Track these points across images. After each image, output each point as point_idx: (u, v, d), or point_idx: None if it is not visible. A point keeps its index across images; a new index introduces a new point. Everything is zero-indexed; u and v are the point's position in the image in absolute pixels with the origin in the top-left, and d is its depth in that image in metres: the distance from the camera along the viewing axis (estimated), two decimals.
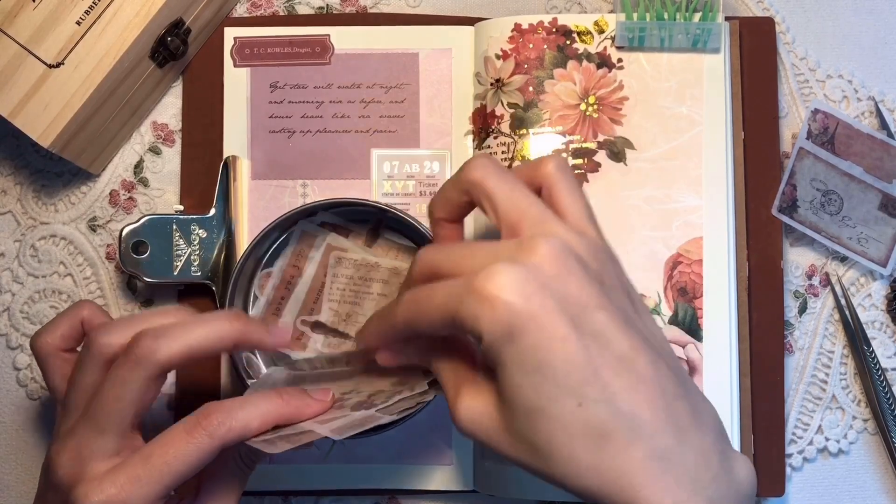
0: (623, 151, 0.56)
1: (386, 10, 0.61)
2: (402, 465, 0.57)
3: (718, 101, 0.57)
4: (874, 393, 0.57)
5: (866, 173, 0.55)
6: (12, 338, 0.60)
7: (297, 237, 0.57)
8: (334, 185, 0.58)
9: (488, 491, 0.56)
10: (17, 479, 0.60)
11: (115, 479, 0.41)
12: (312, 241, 0.57)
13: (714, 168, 0.56)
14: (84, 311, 0.50)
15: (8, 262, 0.60)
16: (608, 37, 0.57)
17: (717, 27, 0.56)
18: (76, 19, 0.54)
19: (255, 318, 0.51)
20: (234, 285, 0.54)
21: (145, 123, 0.60)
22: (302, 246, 0.57)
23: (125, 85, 0.56)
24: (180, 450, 0.42)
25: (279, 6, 0.61)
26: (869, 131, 0.55)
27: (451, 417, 0.42)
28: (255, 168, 0.58)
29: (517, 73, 0.57)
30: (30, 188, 0.60)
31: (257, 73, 0.59)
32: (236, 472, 0.46)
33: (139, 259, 0.57)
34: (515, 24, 0.57)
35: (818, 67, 0.60)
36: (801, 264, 0.58)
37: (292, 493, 0.58)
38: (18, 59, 0.54)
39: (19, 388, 0.60)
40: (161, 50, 0.56)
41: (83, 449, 0.43)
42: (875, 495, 0.58)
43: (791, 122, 0.59)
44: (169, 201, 0.60)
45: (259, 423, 0.43)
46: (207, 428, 0.42)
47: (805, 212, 0.57)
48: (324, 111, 0.59)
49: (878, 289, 0.58)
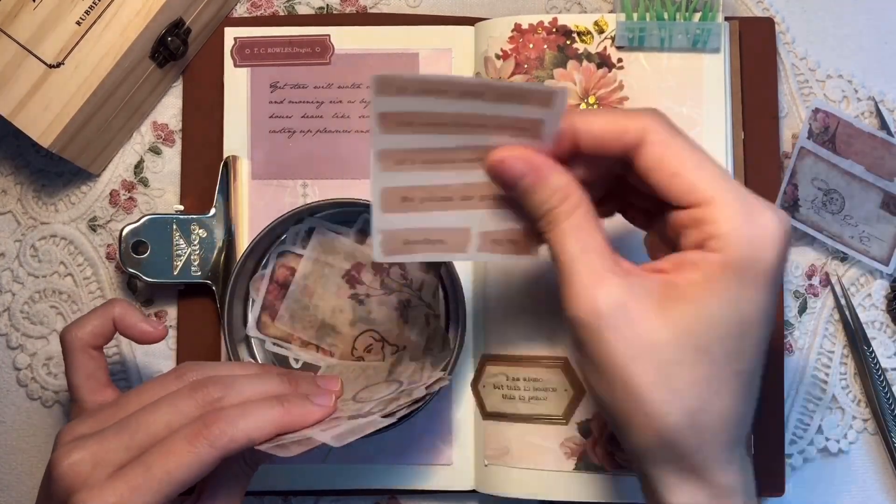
0: None
1: (386, 10, 0.61)
2: (402, 465, 0.57)
3: (718, 102, 0.57)
4: (874, 393, 0.57)
5: (867, 172, 0.55)
6: (12, 338, 0.60)
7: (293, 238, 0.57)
8: (334, 185, 0.58)
9: (488, 491, 0.56)
10: (17, 479, 0.59)
11: (115, 487, 0.41)
12: (307, 241, 0.57)
13: None
14: (116, 309, 0.50)
15: (8, 262, 0.60)
16: (608, 37, 0.57)
17: (717, 27, 0.56)
18: (76, 19, 0.54)
19: (302, 380, 0.50)
20: (234, 285, 0.55)
21: (145, 123, 0.60)
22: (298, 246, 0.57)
23: (125, 85, 0.56)
24: (181, 459, 0.41)
25: (279, 6, 0.61)
26: (870, 130, 0.55)
27: (575, 300, 0.40)
28: (255, 168, 0.58)
29: (517, 73, 0.57)
30: (30, 188, 0.60)
31: (257, 73, 0.59)
32: (239, 474, 0.46)
33: (139, 259, 0.57)
34: (515, 25, 0.57)
35: (818, 67, 0.60)
36: (801, 264, 0.58)
37: (292, 493, 0.58)
38: (18, 59, 0.54)
39: (19, 388, 0.60)
40: (161, 50, 0.56)
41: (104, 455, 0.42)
42: (875, 495, 0.58)
43: (791, 122, 0.59)
44: (169, 201, 0.60)
45: (261, 434, 0.43)
46: (209, 437, 0.42)
47: (807, 211, 0.57)
48: (324, 111, 0.59)
49: (878, 289, 0.58)
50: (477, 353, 0.57)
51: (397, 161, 0.44)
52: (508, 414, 0.55)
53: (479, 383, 0.56)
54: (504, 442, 0.55)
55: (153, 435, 0.43)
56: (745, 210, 0.40)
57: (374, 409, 0.47)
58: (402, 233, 0.45)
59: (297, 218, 0.56)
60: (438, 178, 0.44)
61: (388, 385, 0.51)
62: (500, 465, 0.55)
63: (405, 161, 0.44)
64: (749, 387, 0.41)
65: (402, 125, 0.42)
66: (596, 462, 0.55)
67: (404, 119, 0.42)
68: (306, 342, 0.57)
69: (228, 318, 0.55)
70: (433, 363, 0.54)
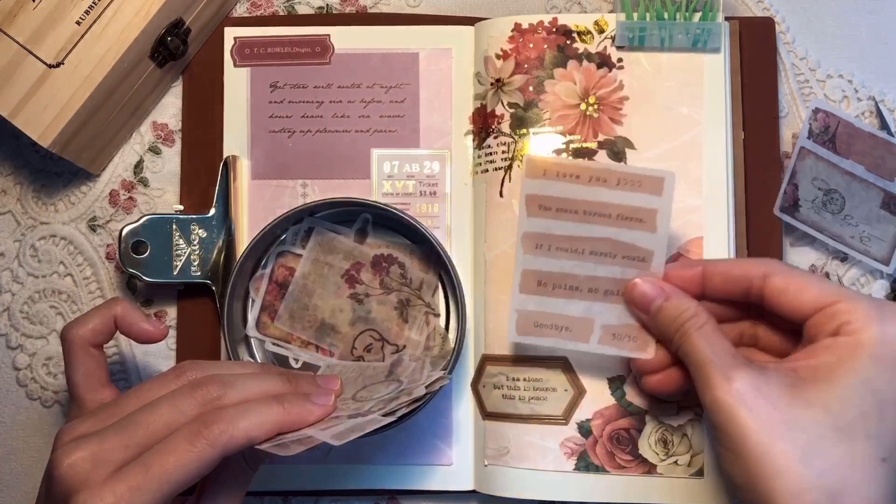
0: (623, 151, 0.56)
1: (386, 10, 0.61)
2: (402, 465, 0.57)
3: (718, 102, 0.56)
4: None
5: (868, 172, 0.55)
6: (12, 338, 0.60)
7: (292, 238, 0.57)
8: (334, 185, 0.58)
9: (488, 491, 0.56)
10: (17, 479, 0.59)
11: (115, 487, 0.41)
12: (306, 241, 0.57)
13: (714, 168, 0.56)
14: (118, 308, 0.50)
15: (8, 262, 0.60)
16: (608, 36, 0.57)
17: (717, 27, 0.56)
18: (76, 19, 0.54)
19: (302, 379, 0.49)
20: (234, 285, 0.54)
21: (145, 123, 0.60)
22: (297, 246, 0.57)
23: (125, 85, 0.56)
24: (181, 459, 0.41)
25: (279, 6, 0.61)
26: (870, 130, 0.55)
27: (713, 391, 0.43)
28: (255, 168, 0.58)
29: (517, 72, 0.57)
30: (30, 188, 0.60)
31: (257, 72, 0.59)
32: (240, 473, 0.46)
33: (139, 259, 0.57)
34: (515, 24, 0.57)
35: (818, 67, 0.60)
36: (802, 264, 0.58)
37: (292, 493, 0.58)
38: (18, 59, 0.54)
39: (19, 388, 0.60)
40: (161, 50, 0.56)
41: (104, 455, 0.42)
42: None
43: (791, 122, 0.59)
44: (169, 201, 0.60)
45: (260, 433, 0.43)
46: (209, 437, 0.42)
47: (807, 211, 0.57)
48: (324, 111, 0.59)
49: (879, 289, 0.58)
50: (477, 353, 0.57)
51: (536, 245, 0.51)
52: (508, 414, 0.55)
53: (479, 383, 0.56)
54: (504, 442, 0.55)
55: (153, 434, 0.42)
56: (876, 303, 0.43)
57: (374, 409, 0.47)
58: (535, 315, 0.51)
59: (297, 218, 0.56)
60: (569, 266, 0.51)
61: (387, 384, 0.51)
62: (500, 465, 0.55)
63: (542, 245, 0.51)
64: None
65: (542, 209, 0.50)
66: (596, 462, 0.55)
67: (544, 203, 0.50)
68: (306, 342, 0.57)
69: (228, 318, 0.55)
70: (433, 363, 0.53)
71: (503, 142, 0.57)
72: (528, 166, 0.50)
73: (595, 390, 0.55)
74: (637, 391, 0.55)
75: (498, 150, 0.57)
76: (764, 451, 0.41)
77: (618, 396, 0.55)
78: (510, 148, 0.57)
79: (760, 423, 0.41)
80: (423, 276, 0.56)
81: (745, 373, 0.43)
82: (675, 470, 0.55)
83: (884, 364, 0.42)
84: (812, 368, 0.43)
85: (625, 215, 0.50)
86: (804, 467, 0.40)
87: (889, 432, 0.41)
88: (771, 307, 0.46)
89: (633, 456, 0.55)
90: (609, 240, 0.50)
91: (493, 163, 0.57)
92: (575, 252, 0.50)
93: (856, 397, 0.41)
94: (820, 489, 0.40)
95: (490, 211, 0.57)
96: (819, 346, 0.43)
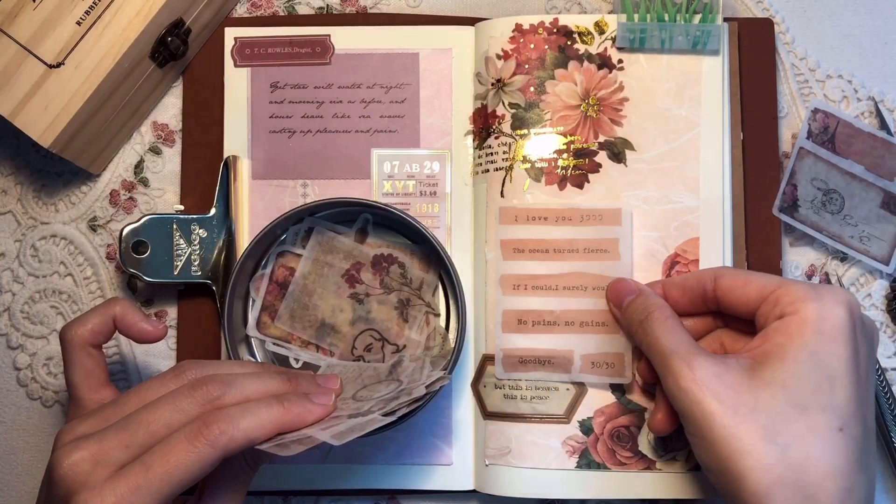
0: (623, 152, 0.56)
1: (386, 10, 0.61)
2: (402, 465, 0.57)
3: (716, 103, 0.57)
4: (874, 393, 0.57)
5: (867, 172, 0.55)
6: (12, 338, 0.60)
7: (292, 237, 0.57)
8: (334, 185, 0.58)
9: (490, 490, 0.56)
10: (17, 479, 0.59)
11: (116, 488, 0.41)
12: (307, 240, 0.57)
13: (711, 169, 0.56)
14: (117, 308, 0.50)
15: (8, 262, 0.60)
16: (609, 37, 0.57)
17: (717, 28, 0.56)
18: (76, 19, 0.54)
19: (302, 378, 0.49)
20: (234, 285, 0.54)
21: (145, 123, 0.60)
22: (297, 246, 0.57)
23: (125, 85, 0.56)
24: (181, 459, 0.41)
25: (279, 6, 0.61)
26: (870, 130, 0.55)
27: (675, 379, 0.45)
28: (256, 168, 0.58)
29: (518, 73, 0.57)
30: (30, 188, 0.60)
31: (258, 73, 0.59)
32: (240, 473, 0.46)
33: (139, 259, 0.57)
34: (516, 25, 0.57)
35: (818, 67, 0.60)
36: (801, 264, 0.58)
37: (292, 493, 0.58)
38: (18, 59, 0.54)
39: (19, 388, 0.60)
40: (161, 50, 0.56)
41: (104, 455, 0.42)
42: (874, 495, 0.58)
43: (791, 122, 0.59)
44: (169, 201, 0.60)
45: (261, 433, 0.43)
46: (209, 437, 0.42)
47: (806, 211, 0.57)
48: (324, 111, 0.59)
49: (878, 289, 0.58)
50: (477, 353, 0.57)
51: (514, 286, 0.55)
52: (510, 413, 0.55)
53: (480, 383, 0.57)
54: (505, 441, 0.55)
55: (153, 434, 0.42)
56: (811, 285, 0.47)
57: (375, 408, 0.47)
58: (519, 351, 0.55)
59: (297, 218, 0.56)
60: (546, 303, 0.55)
61: (387, 384, 0.51)
62: (501, 464, 0.55)
63: (519, 286, 0.55)
64: (857, 453, 0.43)
65: (516, 252, 0.55)
66: (597, 460, 0.55)
67: (518, 246, 0.55)
68: (306, 342, 0.57)
69: (228, 317, 0.55)
70: (433, 362, 0.54)
71: (504, 142, 0.57)
72: (501, 214, 0.55)
73: (596, 388, 0.55)
74: (637, 390, 0.55)
75: (499, 150, 0.57)
76: (730, 433, 0.43)
77: (618, 395, 0.55)
78: (511, 148, 0.57)
79: (724, 407, 0.44)
80: (424, 275, 0.57)
81: (705, 361, 0.45)
82: (673, 465, 0.55)
83: (827, 337, 0.44)
84: (765, 351, 0.45)
85: (591, 248, 0.55)
86: (768, 444, 0.43)
87: (841, 403, 0.44)
88: (725, 306, 0.50)
89: (633, 453, 0.55)
90: (579, 273, 0.55)
91: (493, 163, 0.57)
92: (550, 289, 0.55)
93: (808, 371, 0.44)
94: (785, 463, 0.42)
95: (490, 211, 0.57)
96: (769, 329, 0.46)
